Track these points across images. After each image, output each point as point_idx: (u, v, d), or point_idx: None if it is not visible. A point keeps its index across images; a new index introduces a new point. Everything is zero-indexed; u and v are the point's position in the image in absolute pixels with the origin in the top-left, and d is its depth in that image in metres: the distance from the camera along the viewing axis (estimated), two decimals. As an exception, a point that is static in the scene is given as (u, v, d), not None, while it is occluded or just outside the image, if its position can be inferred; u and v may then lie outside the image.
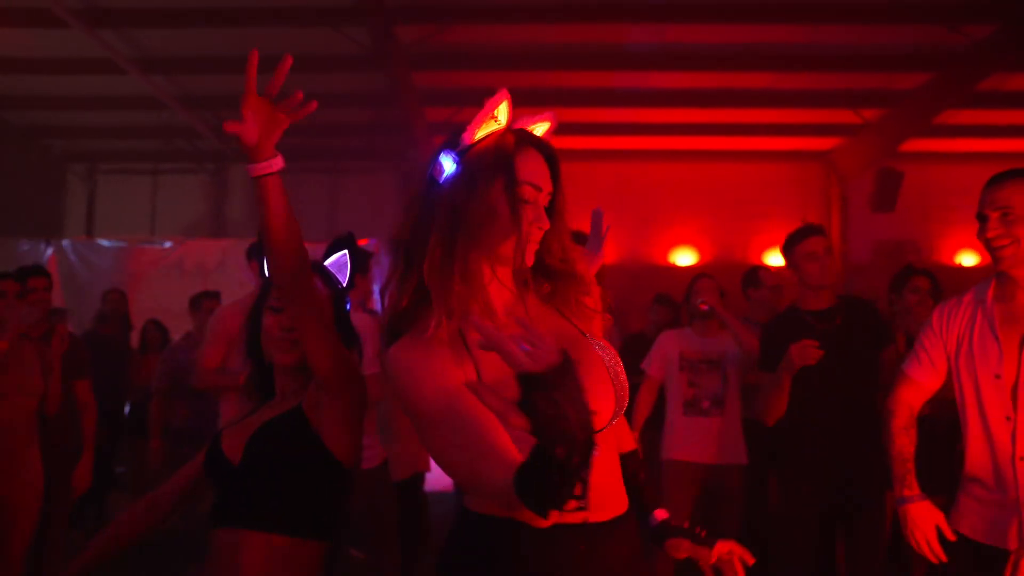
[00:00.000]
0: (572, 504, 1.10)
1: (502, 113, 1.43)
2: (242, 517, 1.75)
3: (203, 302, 5.35)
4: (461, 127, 1.44)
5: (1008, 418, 2.10)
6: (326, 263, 1.97)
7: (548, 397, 1.03)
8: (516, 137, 1.42)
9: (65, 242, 9.10)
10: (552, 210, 1.44)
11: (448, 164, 1.41)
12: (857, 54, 7.42)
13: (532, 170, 1.41)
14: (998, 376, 2.12)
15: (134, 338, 6.49)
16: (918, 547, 2.16)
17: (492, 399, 1.07)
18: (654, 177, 9.79)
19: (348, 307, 1.95)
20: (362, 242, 5.15)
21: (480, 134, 1.42)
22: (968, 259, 9.97)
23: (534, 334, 1.05)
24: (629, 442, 1.71)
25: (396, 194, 10.03)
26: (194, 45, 7.33)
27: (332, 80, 8.08)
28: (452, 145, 1.43)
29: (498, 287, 1.43)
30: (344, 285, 1.97)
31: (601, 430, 1.37)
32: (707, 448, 3.91)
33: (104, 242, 9.09)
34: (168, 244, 8.82)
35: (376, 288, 4.54)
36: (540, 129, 1.48)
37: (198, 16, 6.75)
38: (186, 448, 4.57)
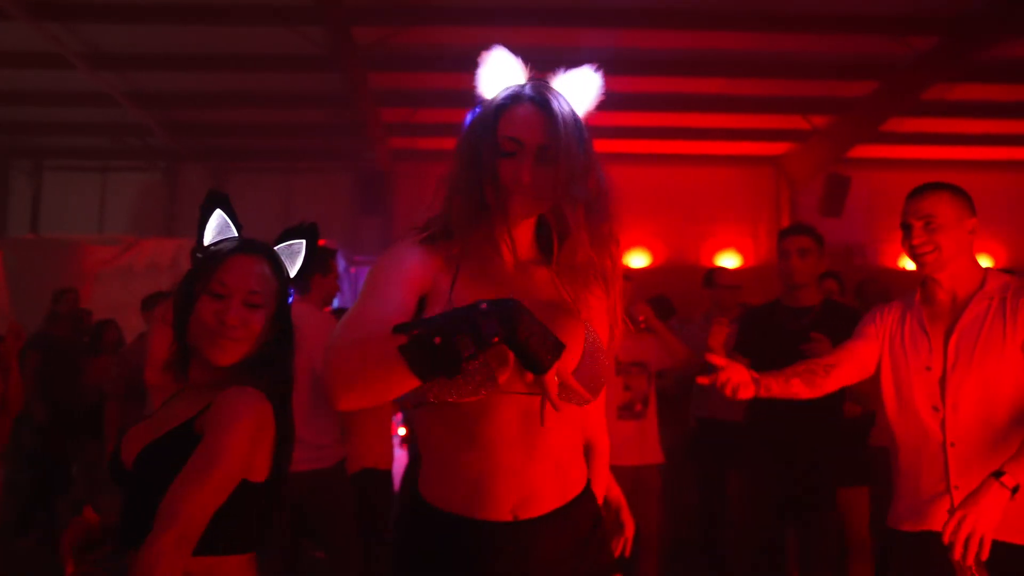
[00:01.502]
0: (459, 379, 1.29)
1: (501, 67, 1.55)
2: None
3: (158, 302, 5.27)
4: (475, 96, 1.56)
5: (936, 408, 2.23)
6: (277, 247, 1.75)
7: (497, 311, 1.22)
8: (512, 92, 1.51)
9: (9, 240, 8.89)
10: (549, 158, 1.46)
11: (468, 119, 1.54)
12: (807, 62, 7.60)
13: (517, 124, 1.47)
14: (928, 368, 2.26)
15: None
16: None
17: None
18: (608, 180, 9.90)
19: (291, 299, 1.72)
20: (321, 242, 5.11)
21: (487, 89, 1.54)
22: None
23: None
24: (601, 485, 1.70)
25: (351, 195, 9.99)
26: (147, 41, 7.22)
27: (288, 79, 8.04)
28: (476, 102, 1.55)
29: (513, 244, 1.51)
30: (292, 276, 1.73)
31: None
32: (634, 450, 3.93)
33: (51, 240, 8.89)
34: (123, 243, 8.65)
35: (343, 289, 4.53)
36: (573, 79, 1.63)
37: (151, 12, 6.66)
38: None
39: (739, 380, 2.23)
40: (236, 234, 1.70)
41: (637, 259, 10.21)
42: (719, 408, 4.29)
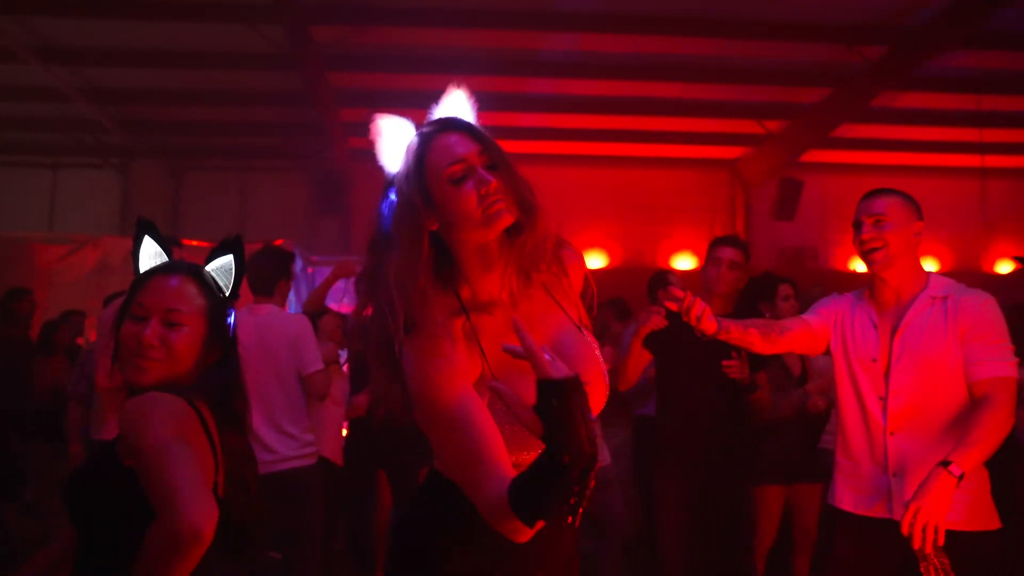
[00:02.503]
0: (567, 518, 1.19)
1: (389, 134, 1.50)
2: (90, 568, 1.51)
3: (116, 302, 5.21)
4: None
5: (881, 397, 2.38)
6: (208, 267, 1.68)
7: (563, 403, 1.14)
8: (419, 137, 1.47)
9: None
10: (494, 166, 1.44)
11: (393, 195, 1.48)
12: (761, 68, 7.75)
13: (446, 151, 1.43)
14: (874, 360, 2.42)
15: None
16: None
17: (511, 398, 1.17)
18: (566, 181, 9.95)
19: (231, 318, 1.67)
20: (277, 242, 5.10)
21: (391, 161, 1.49)
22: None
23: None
24: None
25: (309, 194, 9.92)
26: (101, 36, 7.10)
27: (246, 77, 7.95)
28: (388, 186, 1.50)
29: (496, 277, 1.48)
30: (228, 293, 1.68)
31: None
32: None
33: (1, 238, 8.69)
34: (75, 241, 8.48)
35: (293, 291, 4.54)
36: (454, 103, 1.54)
37: (105, 6, 6.55)
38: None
39: (702, 309, 2.30)
40: (167, 259, 1.67)
41: (594, 261, 10.30)
42: (648, 405, 4.42)
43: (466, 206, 1.41)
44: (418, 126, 1.51)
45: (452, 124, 1.48)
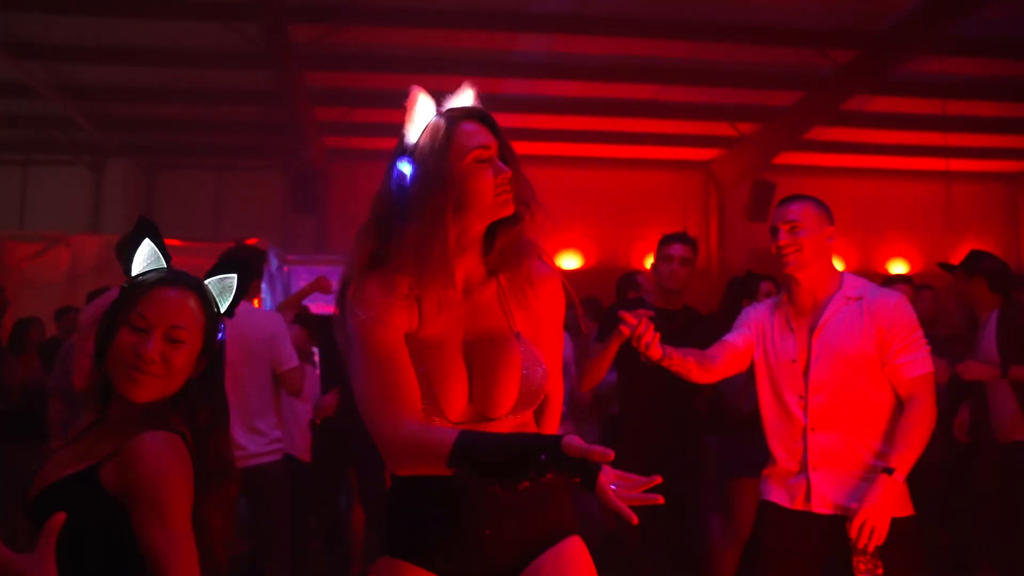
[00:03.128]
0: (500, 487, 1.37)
1: (422, 107, 1.60)
2: None
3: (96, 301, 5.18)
4: (400, 135, 1.61)
5: (801, 396, 2.52)
6: (208, 280, 1.63)
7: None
8: (447, 118, 1.59)
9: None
10: (505, 160, 1.60)
11: (406, 168, 1.58)
12: (735, 71, 7.85)
13: (472, 135, 1.57)
14: (794, 361, 2.54)
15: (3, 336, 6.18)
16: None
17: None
18: (541, 182, 9.79)
19: (222, 334, 1.64)
20: (251, 241, 5.11)
21: (416, 131, 1.60)
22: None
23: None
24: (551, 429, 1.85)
25: (284, 193, 9.90)
26: (74, 33, 7.05)
27: (221, 76, 7.93)
28: (401, 152, 1.60)
29: (463, 268, 1.61)
30: (224, 310, 1.64)
31: (499, 419, 1.60)
32: None
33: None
34: (47, 239, 8.40)
35: (264, 286, 4.56)
36: (465, 100, 1.65)
37: (79, 2, 6.51)
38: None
39: (652, 337, 2.41)
40: (165, 265, 1.61)
41: (568, 261, 10.36)
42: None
43: (483, 187, 1.55)
44: (440, 110, 1.62)
45: (479, 114, 1.61)
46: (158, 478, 1.42)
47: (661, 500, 1.53)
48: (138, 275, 1.58)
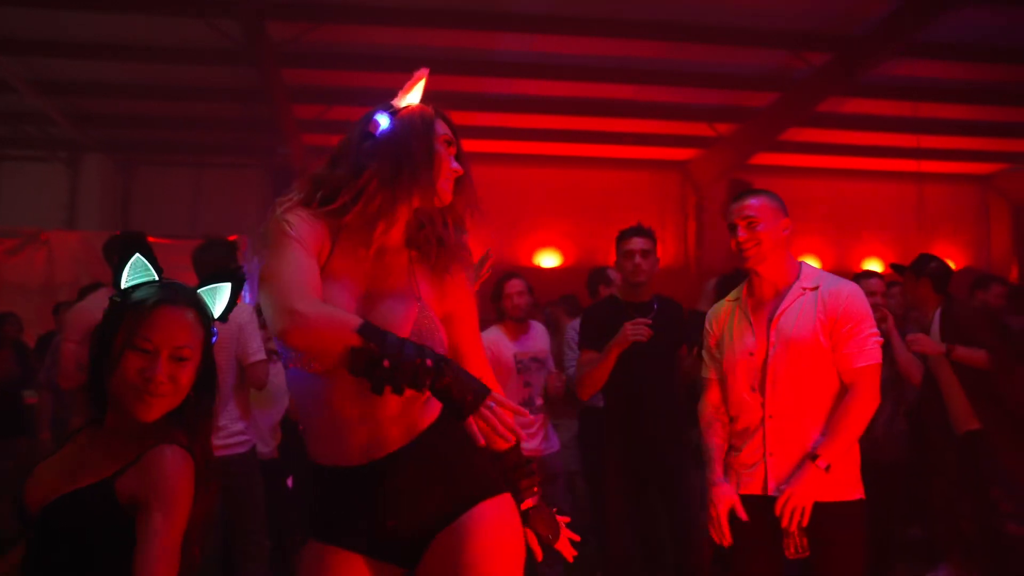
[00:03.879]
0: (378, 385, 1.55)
1: (419, 88, 1.85)
2: None
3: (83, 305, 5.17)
4: (391, 94, 1.82)
5: (753, 388, 2.62)
6: (201, 289, 1.65)
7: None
8: (433, 107, 1.85)
9: None
10: (460, 160, 1.84)
11: (384, 120, 1.79)
12: (712, 72, 7.93)
13: (444, 130, 1.83)
14: (752, 354, 2.63)
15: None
16: (711, 522, 2.65)
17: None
18: (521, 181, 10.05)
19: (214, 339, 1.66)
20: (232, 238, 5.11)
21: (405, 101, 1.83)
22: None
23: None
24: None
25: (262, 190, 9.86)
26: (50, 27, 7.00)
27: (200, 72, 7.90)
28: (385, 107, 1.82)
29: (394, 229, 1.78)
30: (217, 316, 1.67)
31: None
32: (538, 442, 4.08)
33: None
34: (23, 235, 8.34)
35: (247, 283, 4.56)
36: (420, 87, 1.87)
37: (55, -3, 6.47)
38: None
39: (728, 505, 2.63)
40: (156, 276, 1.62)
41: (548, 259, 10.42)
42: (598, 397, 4.54)
43: (441, 168, 1.79)
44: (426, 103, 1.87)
45: (448, 121, 1.87)
46: (177, 491, 1.49)
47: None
48: (131, 289, 1.59)
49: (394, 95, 1.85)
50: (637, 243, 3.71)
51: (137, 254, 1.61)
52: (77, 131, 9.35)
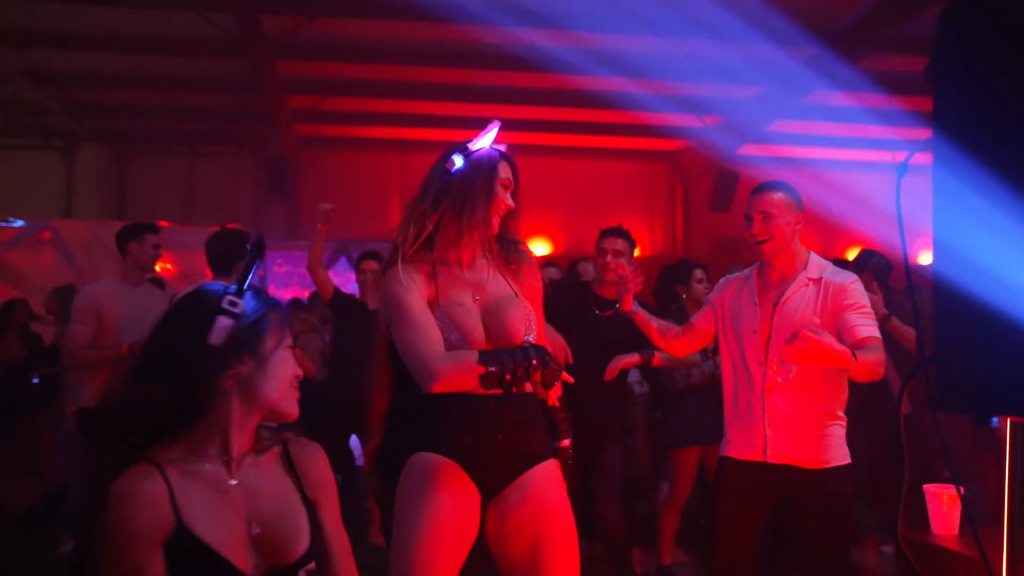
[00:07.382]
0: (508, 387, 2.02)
1: (490, 135, 2.24)
2: None
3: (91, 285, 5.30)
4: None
5: (760, 363, 2.82)
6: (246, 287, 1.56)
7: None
8: (500, 153, 2.26)
9: None
10: (514, 197, 2.27)
11: (459, 160, 2.19)
12: (699, 65, 8.05)
13: (505, 173, 2.25)
14: (755, 331, 2.85)
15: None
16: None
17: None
18: (512, 171, 10.18)
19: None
20: (231, 225, 5.25)
21: (479, 145, 2.23)
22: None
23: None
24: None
25: (256, 180, 9.98)
26: (46, 19, 7.09)
27: (194, 63, 8.00)
28: (460, 149, 2.22)
29: (470, 247, 2.22)
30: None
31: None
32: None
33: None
34: (20, 223, 8.45)
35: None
36: (492, 135, 2.26)
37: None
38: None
39: (635, 288, 2.97)
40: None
41: (538, 248, 10.56)
42: None
43: (499, 202, 2.23)
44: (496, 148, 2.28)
45: (512, 163, 2.29)
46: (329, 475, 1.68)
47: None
48: (239, 301, 1.51)
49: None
50: (610, 243, 3.90)
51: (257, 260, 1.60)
52: (73, 121, 9.45)
